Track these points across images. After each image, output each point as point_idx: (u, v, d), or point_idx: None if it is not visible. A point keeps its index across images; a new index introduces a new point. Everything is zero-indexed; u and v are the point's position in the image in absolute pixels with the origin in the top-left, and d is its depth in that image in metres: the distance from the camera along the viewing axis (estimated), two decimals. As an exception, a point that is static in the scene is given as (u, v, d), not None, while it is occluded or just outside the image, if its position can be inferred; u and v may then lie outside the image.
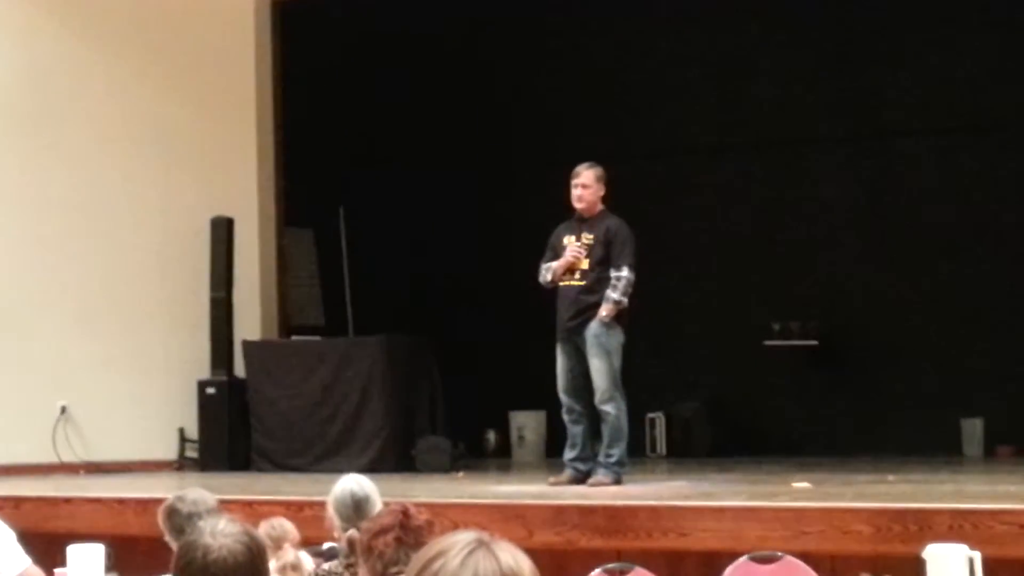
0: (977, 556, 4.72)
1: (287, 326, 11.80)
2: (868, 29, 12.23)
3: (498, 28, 13.03)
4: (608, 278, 8.33)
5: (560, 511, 6.96)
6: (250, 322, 11.47)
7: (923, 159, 12.12)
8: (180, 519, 5.00)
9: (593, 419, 8.41)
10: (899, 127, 12.25)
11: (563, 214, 8.65)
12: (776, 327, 12.27)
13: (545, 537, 6.79)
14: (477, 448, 12.12)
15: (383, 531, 4.20)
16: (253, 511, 6.80)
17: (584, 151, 9.41)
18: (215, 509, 5.04)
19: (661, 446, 12.26)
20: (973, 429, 11.44)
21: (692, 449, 12.02)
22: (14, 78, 11.27)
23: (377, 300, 11.61)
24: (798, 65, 12.46)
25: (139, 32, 11.61)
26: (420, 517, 4.27)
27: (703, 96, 12.71)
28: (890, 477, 8.41)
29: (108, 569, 5.07)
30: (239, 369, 11.21)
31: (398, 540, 4.17)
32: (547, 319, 8.63)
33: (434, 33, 12.84)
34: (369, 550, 4.21)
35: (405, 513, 4.27)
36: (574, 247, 8.41)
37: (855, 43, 12.28)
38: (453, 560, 2.17)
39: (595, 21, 12.88)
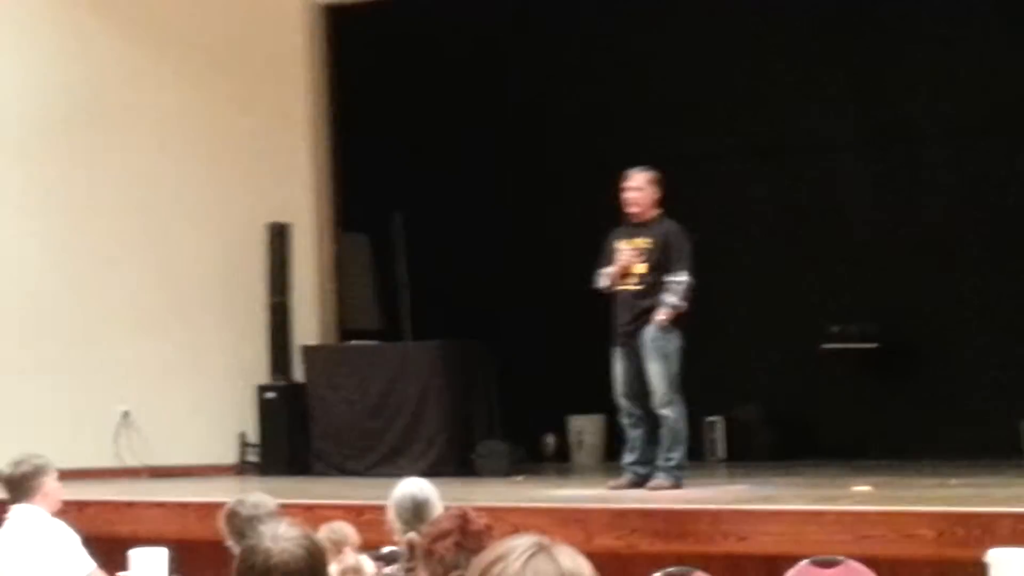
0: (1041, 560, 4.67)
1: (344, 331, 11.84)
2: (894, 23, 12.13)
3: (553, 28, 13.00)
4: (664, 282, 8.31)
5: (620, 515, 6.95)
6: (308, 327, 11.53)
7: (984, 158, 11.99)
8: (240, 522, 5.04)
9: (652, 423, 8.39)
10: (962, 122, 12.11)
11: (619, 217, 8.63)
12: (835, 330, 12.19)
13: (605, 541, 6.78)
14: (536, 452, 12.11)
15: (443, 535, 4.21)
16: (313, 515, 6.83)
17: (639, 154, 9.38)
18: (275, 512, 5.08)
19: (720, 449, 12.20)
20: (1034, 432, 11.31)
21: (751, 452, 11.95)
22: (72, 86, 11.38)
23: (434, 304, 11.63)
24: (850, 63, 12.38)
25: (194, 39, 11.69)
26: (479, 521, 4.28)
27: (754, 100, 12.64)
28: (952, 480, 8.33)
29: (171, 572, 5.12)
30: (298, 374, 11.27)
31: (458, 544, 4.18)
32: (605, 323, 8.62)
33: (485, 35, 12.84)
34: (429, 554, 4.22)
35: (464, 517, 4.28)
36: (626, 252, 8.40)
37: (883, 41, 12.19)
38: (514, 564, 2.18)
39: (635, 29, 12.84)
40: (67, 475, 10.29)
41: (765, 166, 12.76)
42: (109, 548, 6.18)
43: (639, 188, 8.47)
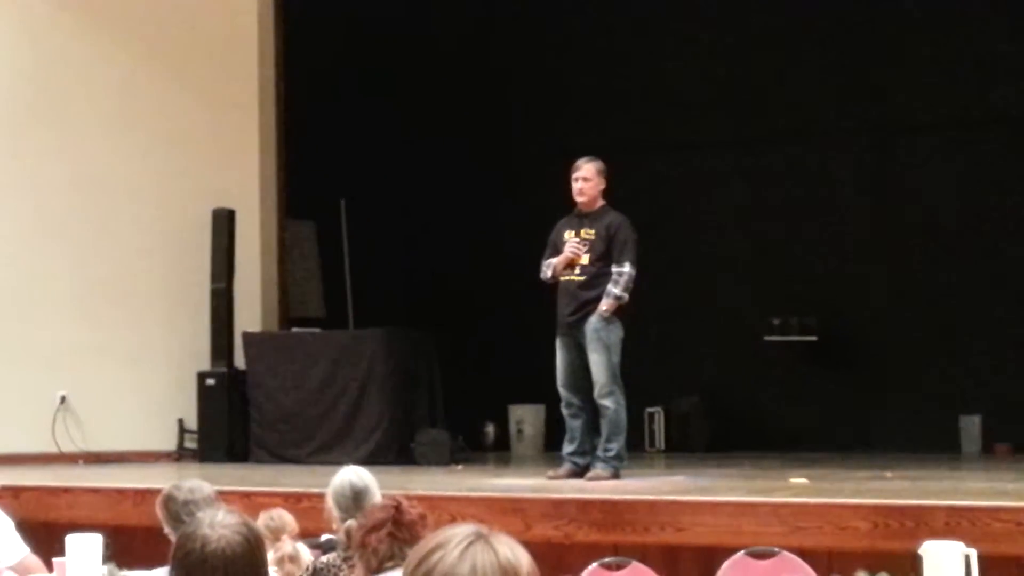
0: (973, 553, 4.72)
1: (287, 318, 11.80)
2: (872, 24, 12.22)
3: (502, 21, 13.01)
4: (608, 273, 8.34)
5: (558, 505, 6.97)
6: (250, 313, 11.48)
7: (925, 155, 12.12)
8: (176, 506, 5.02)
9: (592, 413, 8.42)
10: (901, 123, 12.25)
11: (564, 208, 8.65)
12: (775, 322, 12.28)
13: (543, 530, 6.80)
14: (476, 441, 12.13)
15: (376, 527, 4.21)
16: (251, 502, 6.82)
17: (583, 146, 9.41)
18: (212, 498, 5.05)
19: (660, 441, 12.28)
20: (971, 426, 11.45)
21: (691, 444, 12.04)
22: (19, 68, 11.27)
23: (377, 293, 11.62)
24: (798, 60, 12.45)
25: (143, 23, 11.61)
26: (413, 511, 4.28)
27: (702, 92, 12.70)
28: (888, 473, 8.42)
29: (106, 559, 5.08)
30: (239, 360, 11.21)
31: (391, 535, 4.18)
32: (547, 313, 8.64)
33: (438, 23, 12.84)
34: (363, 546, 4.22)
35: (397, 508, 4.28)
36: (573, 243, 8.42)
37: (857, 38, 12.27)
38: (451, 553, 2.18)
39: (601, 14, 12.88)
40: (3, 459, 10.25)
41: (707, 159, 12.83)
42: (44, 533, 6.13)
43: (587, 178, 8.49)
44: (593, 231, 8.43)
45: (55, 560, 5.07)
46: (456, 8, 12.55)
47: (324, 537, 5.52)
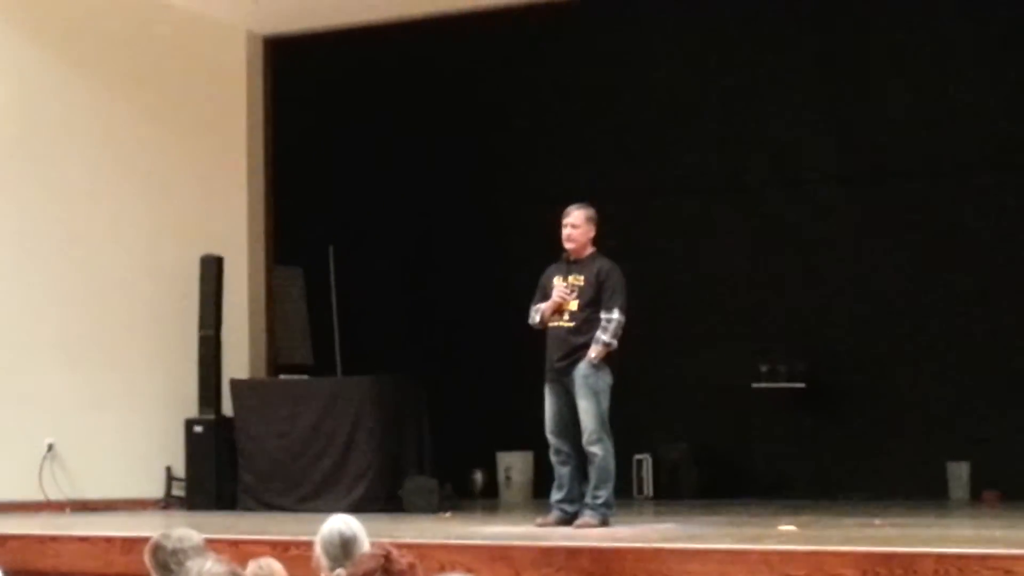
0: (962, 601, 4.73)
1: (275, 365, 11.79)
2: (861, 64, 12.29)
3: (492, 64, 13.07)
4: (597, 320, 8.34)
5: (547, 552, 6.95)
6: (238, 361, 11.47)
7: (911, 199, 12.14)
8: (165, 555, 5.00)
9: (580, 460, 8.40)
10: (888, 165, 12.29)
11: (553, 254, 8.67)
12: (763, 369, 12.30)
13: (531, 578, 6.77)
14: (464, 488, 12.11)
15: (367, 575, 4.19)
16: (239, 550, 6.77)
17: (571, 191, 9.45)
18: (200, 547, 5.04)
19: (648, 488, 12.26)
20: (959, 473, 11.46)
21: (679, 491, 12.02)
22: (4, 113, 11.26)
23: (366, 340, 11.62)
24: (781, 102, 12.51)
25: (130, 69, 11.63)
26: (402, 560, 4.25)
27: (687, 137, 12.76)
28: (876, 520, 8.41)
29: (93, 608, 5.06)
30: (227, 408, 11.19)
31: (381, 584, 4.16)
32: (535, 360, 8.64)
33: (426, 69, 12.89)
34: (353, 595, 4.20)
35: (387, 557, 4.26)
36: (561, 288, 8.43)
37: (843, 79, 12.34)
38: (442, 604, 2.19)
39: (590, 59, 12.96)
40: (-11, 508, 10.18)
41: (693, 204, 12.86)
42: (31, 582, 6.11)
43: (576, 225, 8.51)
44: (582, 277, 8.44)
45: (42, 609, 5.06)
46: (447, 55, 12.61)
47: (312, 585, 5.49)
